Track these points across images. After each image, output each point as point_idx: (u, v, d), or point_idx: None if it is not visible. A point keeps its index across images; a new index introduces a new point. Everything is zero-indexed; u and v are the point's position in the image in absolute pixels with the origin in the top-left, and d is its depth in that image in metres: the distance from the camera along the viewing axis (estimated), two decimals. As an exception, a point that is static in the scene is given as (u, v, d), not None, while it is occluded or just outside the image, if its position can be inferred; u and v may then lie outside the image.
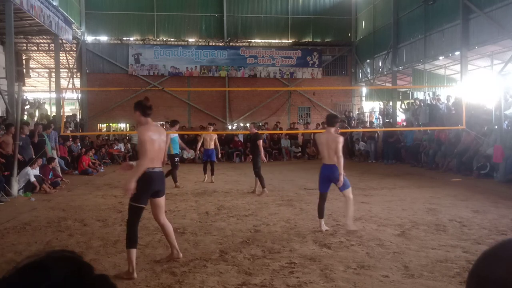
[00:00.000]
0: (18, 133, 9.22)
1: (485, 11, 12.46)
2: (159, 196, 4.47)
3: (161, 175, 4.48)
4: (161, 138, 4.46)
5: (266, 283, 3.87)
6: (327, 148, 5.70)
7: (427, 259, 4.45)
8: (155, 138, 4.33)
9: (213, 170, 11.22)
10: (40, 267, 0.66)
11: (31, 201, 8.50)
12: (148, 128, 4.40)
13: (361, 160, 16.97)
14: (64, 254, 0.70)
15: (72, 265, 0.68)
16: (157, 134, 4.39)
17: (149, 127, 4.41)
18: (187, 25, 21.34)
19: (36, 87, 26.86)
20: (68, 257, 0.70)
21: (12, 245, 5.23)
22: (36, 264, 0.67)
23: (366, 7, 21.26)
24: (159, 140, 4.39)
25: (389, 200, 8.12)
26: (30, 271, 0.65)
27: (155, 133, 4.38)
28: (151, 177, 4.28)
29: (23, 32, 15.87)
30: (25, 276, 0.65)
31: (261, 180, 9.08)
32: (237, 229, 5.90)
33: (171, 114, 21.52)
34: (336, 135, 5.78)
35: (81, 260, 0.70)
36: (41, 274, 0.65)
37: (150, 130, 4.37)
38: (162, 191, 4.48)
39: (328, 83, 22.15)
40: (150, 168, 4.28)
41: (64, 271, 0.66)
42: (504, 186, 9.45)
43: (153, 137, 4.32)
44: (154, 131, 4.38)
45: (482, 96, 14.36)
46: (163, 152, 4.61)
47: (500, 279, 0.66)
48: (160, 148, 4.44)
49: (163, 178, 4.50)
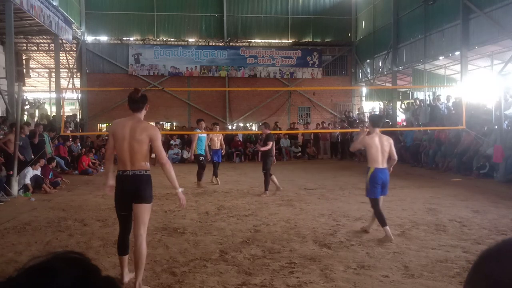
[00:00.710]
0: (18, 133, 9.23)
1: (485, 11, 12.46)
2: (135, 202, 3.80)
3: (132, 179, 3.76)
4: (135, 136, 3.74)
5: (266, 283, 3.87)
6: (382, 151, 5.44)
7: (427, 259, 4.45)
8: (120, 134, 3.76)
9: (217, 170, 10.98)
10: (48, 269, 0.65)
11: (31, 201, 8.50)
12: (117, 123, 3.88)
13: (361, 160, 16.97)
14: (72, 256, 0.70)
15: (79, 267, 0.67)
16: (127, 130, 3.77)
17: (121, 121, 3.88)
18: (187, 25, 21.35)
19: (36, 87, 26.87)
20: (76, 259, 0.69)
21: (12, 245, 5.22)
22: (43, 265, 0.66)
23: (366, 7, 21.27)
24: (130, 138, 3.74)
25: (389, 200, 8.10)
26: (38, 273, 0.65)
27: (125, 129, 3.77)
28: (119, 181, 3.78)
29: (23, 32, 15.88)
30: (32, 278, 0.64)
31: (266, 182, 8.98)
32: (237, 229, 5.90)
33: (171, 114, 21.55)
34: (388, 137, 5.59)
35: (88, 262, 0.70)
36: (49, 276, 0.64)
37: (118, 125, 3.82)
38: (138, 198, 3.76)
39: (328, 83, 22.15)
40: (120, 171, 3.80)
41: (72, 274, 0.65)
42: (504, 186, 9.44)
43: (120, 134, 3.76)
44: (124, 126, 3.79)
45: (482, 96, 14.36)
46: (142, 153, 3.78)
47: (505, 279, 0.66)
48: (132, 148, 3.74)
49: (136, 183, 3.76)
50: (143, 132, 3.76)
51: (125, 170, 3.77)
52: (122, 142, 3.75)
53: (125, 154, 3.75)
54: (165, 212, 7.17)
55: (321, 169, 14.33)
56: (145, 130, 3.78)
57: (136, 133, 3.74)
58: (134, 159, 3.75)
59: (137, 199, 3.76)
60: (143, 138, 3.75)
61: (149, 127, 3.85)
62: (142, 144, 3.74)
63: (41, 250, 5.00)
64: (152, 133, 3.80)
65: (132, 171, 3.74)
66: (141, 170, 3.78)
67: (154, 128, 3.94)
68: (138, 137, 3.74)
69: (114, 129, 3.81)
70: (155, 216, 6.81)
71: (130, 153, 3.74)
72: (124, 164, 3.77)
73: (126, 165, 3.76)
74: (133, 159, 3.75)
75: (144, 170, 3.80)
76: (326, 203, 7.95)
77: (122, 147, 3.75)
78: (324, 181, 10.99)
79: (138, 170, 3.76)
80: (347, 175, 12.36)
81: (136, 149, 3.74)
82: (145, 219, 3.79)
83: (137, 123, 3.81)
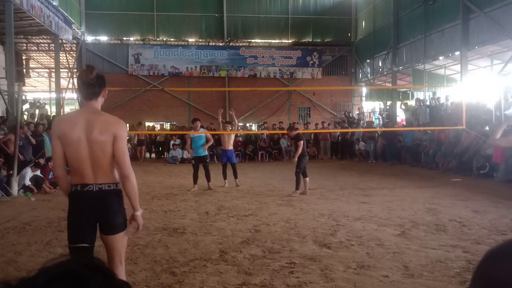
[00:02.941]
0: (18, 133, 9.23)
1: (485, 11, 12.46)
2: (105, 233, 2.72)
3: (98, 198, 2.67)
4: (95, 135, 2.65)
5: (266, 283, 3.87)
6: None
7: (427, 259, 4.45)
8: (73, 135, 2.64)
9: (236, 173, 10.37)
10: (76, 276, 0.64)
11: (31, 201, 8.50)
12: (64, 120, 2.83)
13: (361, 160, 16.97)
14: (95, 262, 0.69)
15: (103, 275, 0.67)
16: (81, 128, 2.65)
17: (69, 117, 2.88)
18: (187, 25, 21.37)
19: (36, 87, 26.87)
20: (99, 266, 0.69)
21: (12, 245, 5.22)
22: (71, 272, 0.65)
23: (366, 7, 21.27)
24: (88, 138, 2.65)
25: (389, 200, 8.12)
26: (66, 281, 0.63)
27: (77, 126, 2.65)
28: (77, 200, 2.70)
29: (23, 32, 15.87)
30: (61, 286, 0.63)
31: (297, 181, 8.81)
32: (237, 229, 5.90)
33: (171, 114, 21.56)
34: None
35: (106, 267, 0.70)
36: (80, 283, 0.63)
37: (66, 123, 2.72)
38: (110, 228, 2.71)
39: (328, 83, 22.16)
40: (78, 185, 2.69)
41: (99, 280, 0.65)
42: (504, 186, 9.44)
43: (72, 135, 2.64)
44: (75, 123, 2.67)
45: (482, 96, 14.36)
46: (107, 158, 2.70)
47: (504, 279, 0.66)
48: (93, 152, 2.66)
49: (103, 202, 2.67)
50: (106, 128, 2.68)
51: (85, 185, 2.67)
52: (77, 145, 2.65)
53: (83, 162, 2.66)
54: (165, 212, 7.17)
55: (321, 169, 14.33)
56: (109, 125, 2.70)
57: (96, 130, 2.65)
58: (97, 168, 2.68)
59: (108, 229, 2.71)
60: (107, 137, 2.67)
61: (113, 121, 2.76)
62: (106, 145, 2.67)
63: (41, 250, 5.00)
64: (118, 129, 2.72)
65: (97, 185, 2.67)
66: (109, 183, 2.71)
67: (120, 123, 2.80)
68: (100, 136, 2.66)
69: (62, 130, 2.68)
70: (155, 216, 6.81)
71: (91, 159, 2.67)
72: (82, 176, 2.67)
73: (86, 177, 2.67)
74: (96, 167, 2.68)
75: (114, 184, 2.73)
76: (326, 203, 7.95)
77: (78, 153, 2.65)
78: (324, 181, 10.99)
79: (106, 184, 2.69)
80: (347, 175, 12.37)
81: (99, 153, 2.67)
82: (121, 250, 2.81)
83: (95, 116, 2.71)
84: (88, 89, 2.75)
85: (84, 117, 2.70)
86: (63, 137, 2.68)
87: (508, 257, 0.69)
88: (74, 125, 2.66)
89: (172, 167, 15.54)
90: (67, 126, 2.69)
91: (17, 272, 4.25)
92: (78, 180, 2.69)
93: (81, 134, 2.65)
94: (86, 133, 2.65)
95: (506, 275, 0.66)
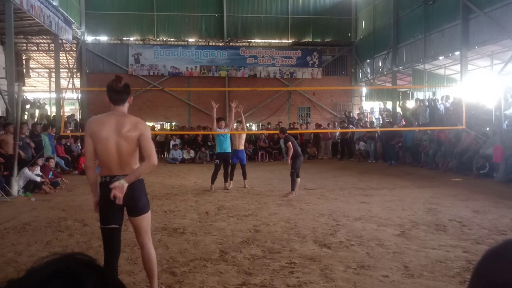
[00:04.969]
0: (18, 133, 9.23)
1: (485, 11, 12.46)
2: (133, 215, 3.29)
3: None
4: (123, 133, 3.15)
5: (266, 283, 3.87)
6: None
7: (427, 259, 4.45)
8: (102, 133, 3.13)
9: (245, 174, 10.16)
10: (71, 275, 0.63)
11: (31, 201, 8.50)
12: (96, 120, 3.27)
13: (361, 160, 16.98)
14: (86, 259, 0.67)
15: (97, 272, 0.66)
16: (111, 127, 3.15)
17: (100, 118, 3.26)
18: (187, 25, 21.36)
19: (36, 87, 26.89)
20: (91, 263, 0.67)
21: (12, 245, 5.22)
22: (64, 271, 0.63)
23: (366, 7, 21.27)
24: (116, 136, 3.14)
25: (389, 200, 8.12)
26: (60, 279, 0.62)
27: (107, 126, 3.15)
28: (106, 188, 3.13)
29: (23, 32, 15.87)
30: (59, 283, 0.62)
31: (292, 182, 8.79)
32: (237, 229, 5.90)
33: (171, 114, 21.56)
34: None
35: (100, 266, 0.68)
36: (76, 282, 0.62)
37: (97, 123, 3.21)
38: (136, 211, 3.26)
39: (328, 83, 22.16)
40: (107, 177, 3.19)
41: (94, 278, 0.64)
42: (504, 186, 9.45)
43: (102, 133, 3.13)
44: (105, 123, 3.17)
45: (482, 96, 14.36)
46: (132, 153, 3.21)
47: (500, 279, 0.66)
48: (120, 148, 3.15)
49: (129, 191, 3.11)
50: (134, 127, 3.18)
51: (113, 176, 3.15)
52: (106, 142, 3.12)
53: (111, 156, 3.14)
54: (165, 212, 7.17)
55: (321, 169, 14.34)
56: (136, 125, 3.19)
57: (124, 129, 3.14)
58: (123, 162, 3.16)
59: (134, 211, 3.26)
60: (133, 135, 3.15)
61: (139, 122, 3.26)
62: (132, 142, 3.15)
63: (41, 250, 5.00)
64: (144, 128, 3.23)
65: (122, 177, 3.11)
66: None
67: (144, 123, 3.36)
68: (128, 134, 3.14)
69: (92, 129, 3.17)
70: (155, 216, 6.80)
71: (119, 154, 3.14)
72: (110, 169, 3.17)
73: (114, 170, 3.17)
74: (122, 161, 3.16)
75: None
76: (326, 203, 7.95)
77: (107, 149, 3.13)
78: (324, 181, 10.99)
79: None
80: (347, 175, 12.37)
81: (126, 149, 3.15)
82: (147, 227, 3.36)
83: (124, 118, 3.21)
84: (117, 96, 3.23)
85: (113, 119, 3.20)
86: (94, 135, 3.16)
87: (506, 257, 0.69)
88: (104, 125, 3.16)
89: (172, 167, 15.55)
90: (97, 126, 3.18)
91: (17, 272, 4.24)
92: (107, 172, 3.19)
93: (109, 133, 3.13)
94: (116, 132, 3.13)
95: (505, 275, 0.66)
